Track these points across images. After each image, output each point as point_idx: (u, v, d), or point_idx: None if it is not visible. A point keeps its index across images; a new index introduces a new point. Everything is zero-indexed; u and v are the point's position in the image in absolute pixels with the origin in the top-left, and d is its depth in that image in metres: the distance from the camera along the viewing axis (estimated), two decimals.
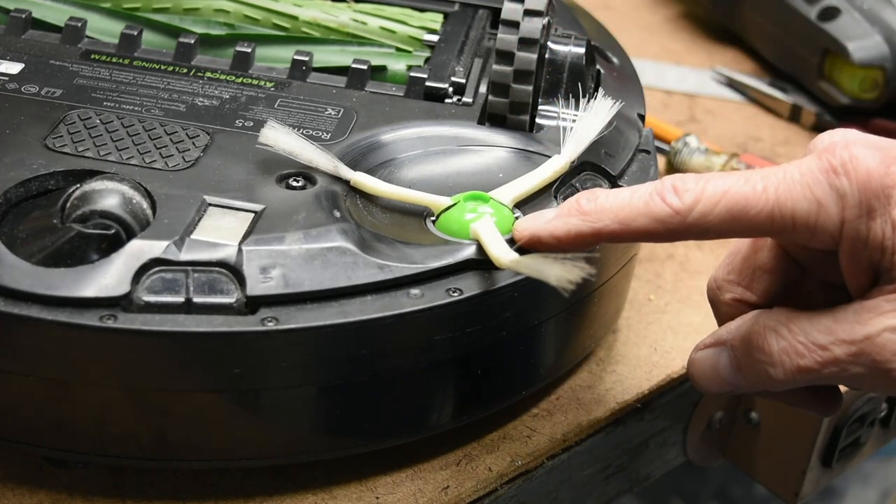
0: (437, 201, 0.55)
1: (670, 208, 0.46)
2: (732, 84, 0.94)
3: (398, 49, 0.67)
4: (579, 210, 0.48)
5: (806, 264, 0.50)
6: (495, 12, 0.70)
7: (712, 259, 0.73)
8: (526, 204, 0.56)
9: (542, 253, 0.49)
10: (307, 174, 0.55)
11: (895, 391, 0.46)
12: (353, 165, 0.56)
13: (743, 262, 0.51)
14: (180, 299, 0.49)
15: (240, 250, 0.50)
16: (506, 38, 0.59)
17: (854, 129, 0.48)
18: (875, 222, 0.44)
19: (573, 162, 0.57)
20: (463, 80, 0.64)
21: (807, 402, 0.51)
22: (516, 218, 0.54)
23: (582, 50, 0.62)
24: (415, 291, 0.50)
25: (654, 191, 0.46)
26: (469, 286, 0.51)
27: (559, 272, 0.48)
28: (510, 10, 0.59)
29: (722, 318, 0.52)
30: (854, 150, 0.44)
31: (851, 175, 0.44)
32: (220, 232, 0.51)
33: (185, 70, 0.63)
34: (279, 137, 0.55)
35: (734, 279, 0.51)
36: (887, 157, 0.44)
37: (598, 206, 0.48)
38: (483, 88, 0.64)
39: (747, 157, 0.80)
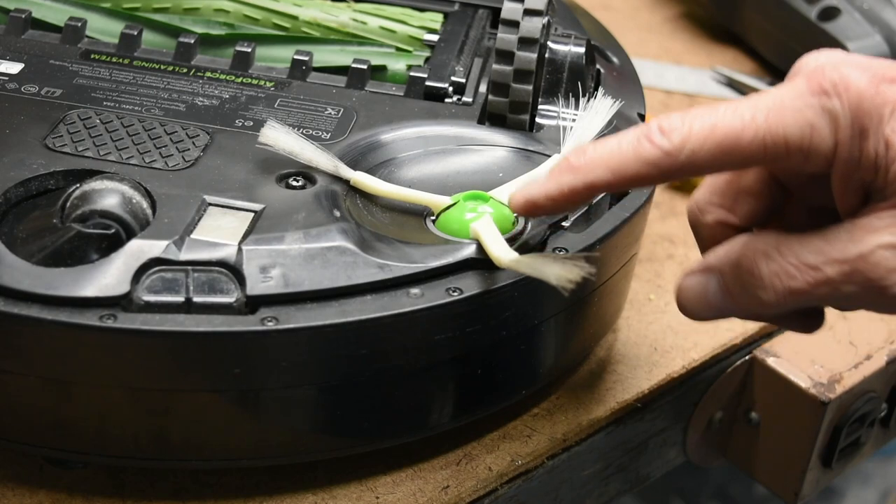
0: (437, 201, 0.55)
1: (660, 150, 0.45)
2: (732, 84, 0.94)
3: (398, 49, 0.67)
4: (570, 167, 0.47)
5: (792, 187, 0.49)
6: (495, 12, 0.70)
7: None
8: None
9: (542, 253, 0.49)
10: (307, 174, 0.55)
11: (889, 309, 0.45)
12: (353, 165, 0.56)
13: (727, 184, 0.50)
14: (180, 299, 0.49)
15: (240, 250, 0.50)
16: (506, 37, 0.60)
17: (838, 50, 0.46)
18: (868, 142, 0.43)
19: None
20: (463, 80, 0.64)
21: (793, 323, 0.50)
22: (516, 218, 0.54)
23: (582, 50, 0.62)
24: (415, 291, 0.50)
25: (642, 135, 0.46)
26: (469, 286, 0.51)
27: (559, 271, 0.48)
28: (510, 10, 0.59)
29: (704, 242, 0.51)
30: (844, 70, 0.44)
31: (843, 96, 0.43)
32: (220, 232, 0.51)
33: (185, 70, 0.63)
34: (279, 137, 0.55)
35: (717, 201, 0.50)
36: (876, 76, 0.44)
37: (587, 160, 0.47)
38: (483, 88, 0.64)
39: None
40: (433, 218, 0.55)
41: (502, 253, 0.51)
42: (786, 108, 0.44)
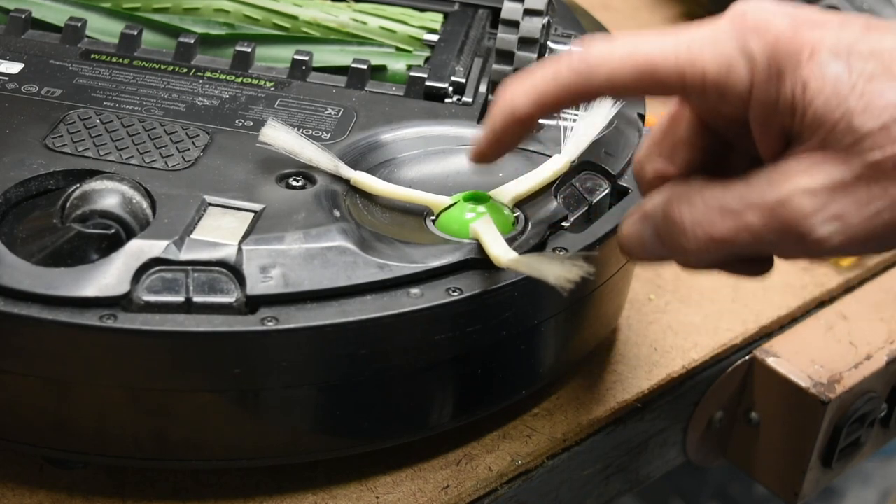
0: (436, 201, 0.55)
1: (578, 72, 0.45)
2: None
3: (398, 49, 0.67)
4: (494, 102, 0.48)
5: (726, 136, 0.49)
6: (495, 12, 0.70)
7: None
8: (526, 203, 0.56)
9: (542, 253, 0.49)
10: (307, 174, 0.55)
11: (809, 254, 0.45)
12: (353, 165, 0.56)
13: (663, 134, 0.50)
14: (180, 299, 0.49)
15: (240, 250, 0.50)
16: (506, 37, 0.60)
17: None
18: (785, 84, 0.43)
19: (573, 161, 0.57)
20: (463, 80, 0.64)
21: (738, 268, 0.50)
22: (516, 217, 0.54)
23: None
24: (415, 291, 0.50)
25: (563, 57, 0.46)
26: (469, 286, 0.51)
27: (558, 271, 0.48)
28: (510, 10, 0.59)
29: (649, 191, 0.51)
30: (765, 13, 0.44)
31: (762, 37, 0.44)
32: (220, 231, 0.51)
33: (185, 70, 0.63)
34: (280, 136, 0.55)
35: (656, 152, 0.50)
36: (797, 19, 0.44)
37: (509, 91, 0.47)
38: (483, 88, 0.64)
39: None
40: (433, 218, 0.55)
41: (502, 253, 0.51)
42: (706, 43, 0.44)
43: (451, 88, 0.63)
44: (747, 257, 0.48)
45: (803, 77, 0.43)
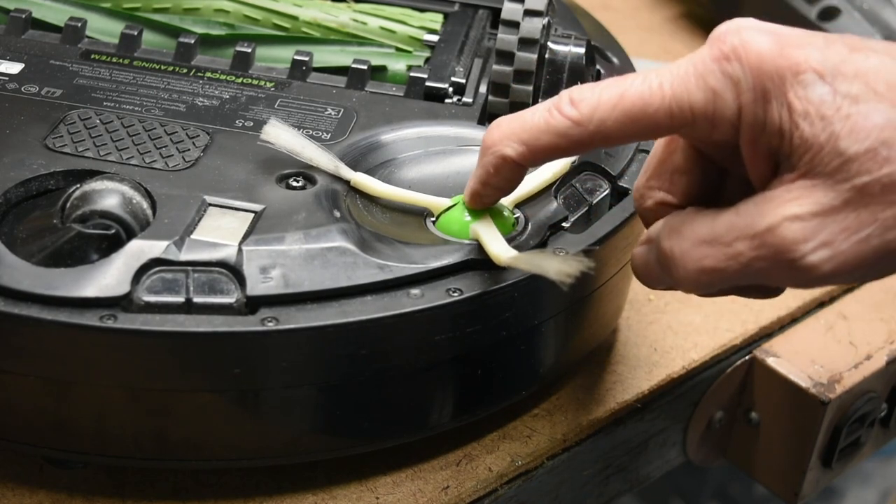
0: (436, 203, 0.55)
1: (570, 121, 0.45)
2: None
3: (398, 49, 0.67)
4: (484, 146, 0.48)
5: (721, 162, 0.49)
6: (495, 12, 0.70)
7: None
8: (526, 204, 0.56)
9: (542, 250, 0.49)
10: (307, 174, 0.55)
11: (800, 283, 0.44)
12: (354, 165, 0.56)
13: (658, 164, 0.50)
14: (180, 299, 0.49)
15: (240, 250, 0.50)
16: (506, 38, 0.60)
17: (750, 18, 0.46)
18: (771, 106, 0.43)
19: (573, 162, 0.57)
20: (463, 80, 0.64)
21: (745, 294, 0.50)
22: (516, 218, 0.54)
23: (582, 50, 0.62)
24: (415, 291, 0.50)
25: (552, 106, 0.46)
26: (469, 286, 0.51)
27: (558, 266, 0.48)
28: (510, 10, 0.59)
29: (649, 225, 0.51)
30: (745, 35, 0.44)
31: (743, 59, 0.43)
32: (220, 232, 0.51)
33: (185, 70, 0.63)
34: (280, 135, 0.55)
35: (654, 184, 0.50)
36: (780, 40, 0.44)
37: (499, 135, 0.47)
38: (483, 88, 0.64)
39: None
40: (433, 218, 0.55)
41: (502, 251, 0.51)
42: (690, 76, 0.44)
43: (451, 89, 0.63)
44: (746, 285, 0.48)
45: (788, 99, 0.43)
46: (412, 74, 0.63)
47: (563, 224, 0.55)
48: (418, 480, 0.56)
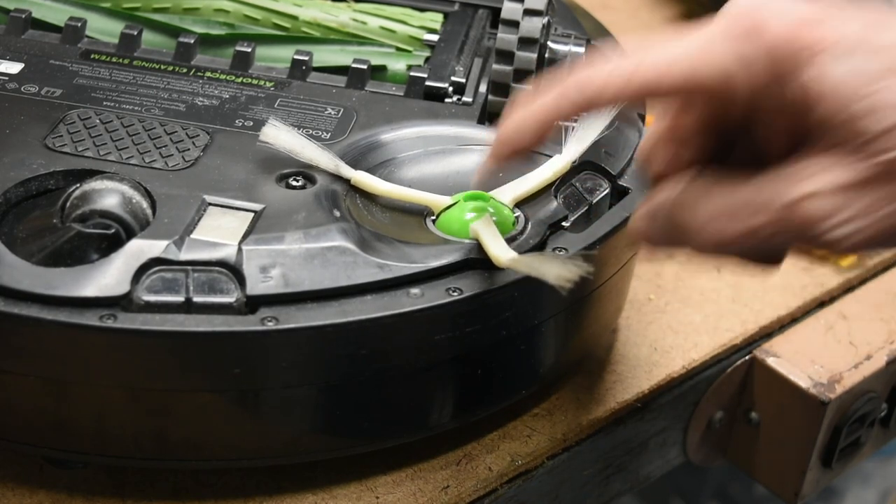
0: (437, 200, 0.55)
1: (582, 95, 0.46)
2: None
3: (398, 49, 0.67)
4: (499, 136, 0.48)
5: (733, 133, 0.48)
6: (495, 12, 0.70)
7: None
8: (526, 203, 0.56)
9: (541, 252, 0.49)
10: (307, 174, 0.55)
11: (820, 249, 0.44)
12: (353, 165, 0.56)
13: (669, 132, 0.49)
14: (180, 299, 0.49)
15: (240, 250, 0.50)
16: (506, 37, 0.60)
17: None
18: (788, 87, 0.43)
19: (574, 162, 0.57)
20: (463, 80, 0.64)
21: (750, 257, 0.49)
22: (516, 217, 0.54)
23: (582, 50, 0.62)
24: (415, 291, 0.50)
25: (569, 79, 0.46)
26: (469, 285, 0.51)
27: (558, 270, 0.48)
28: (510, 10, 0.59)
29: (656, 185, 0.50)
30: (761, 14, 0.43)
31: (758, 41, 0.43)
32: (220, 231, 0.51)
33: (185, 70, 0.63)
34: (280, 135, 0.55)
35: (661, 145, 0.49)
36: (795, 17, 0.43)
37: (524, 105, 0.47)
38: (483, 88, 0.64)
39: None
40: (433, 218, 0.54)
41: (501, 252, 0.51)
42: (704, 53, 0.44)
43: (451, 88, 0.63)
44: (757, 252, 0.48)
45: (806, 79, 0.42)
46: (412, 74, 0.63)
47: (563, 223, 0.55)
48: (418, 480, 0.56)
